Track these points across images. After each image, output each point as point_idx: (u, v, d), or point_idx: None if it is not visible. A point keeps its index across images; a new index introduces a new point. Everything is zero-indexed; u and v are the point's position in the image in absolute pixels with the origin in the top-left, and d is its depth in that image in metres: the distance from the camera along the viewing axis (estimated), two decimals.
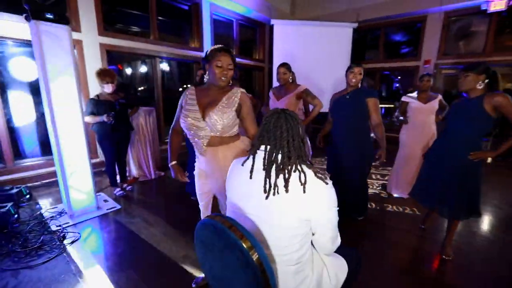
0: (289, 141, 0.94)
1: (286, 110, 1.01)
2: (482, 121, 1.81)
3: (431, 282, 1.85)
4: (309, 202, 0.90)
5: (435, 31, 6.19)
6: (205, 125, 1.40)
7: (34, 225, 2.44)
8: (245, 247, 0.78)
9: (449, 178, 1.95)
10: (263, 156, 0.97)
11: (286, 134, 0.94)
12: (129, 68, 6.57)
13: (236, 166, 1.09)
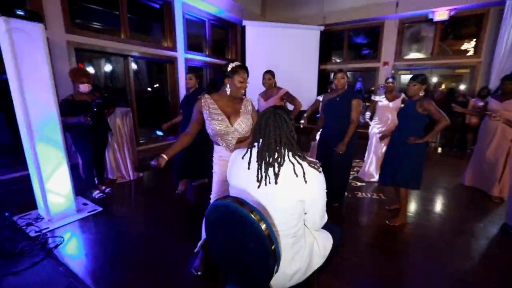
0: (277, 139, 1.09)
1: (278, 109, 1.15)
2: (417, 119, 2.36)
3: (396, 252, 2.16)
4: (305, 188, 1.07)
5: (392, 36, 6.85)
6: (234, 130, 1.67)
7: (10, 233, 2.31)
8: (256, 219, 0.93)
9: (401, 158, 2.45)
10: (259, 151, 1.12)
11: (273, 133, 1.09)
12: (91, 67, 6.23)
13: (237, 158, 1.24)
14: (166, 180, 3.92)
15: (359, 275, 1.89)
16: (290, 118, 1.14)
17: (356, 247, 2.22)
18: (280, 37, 6.87)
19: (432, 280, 1.83)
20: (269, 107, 1.19)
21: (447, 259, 2.07)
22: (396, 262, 2.05)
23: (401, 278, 1.89)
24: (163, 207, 3.00)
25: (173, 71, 5.57)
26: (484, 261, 2.07)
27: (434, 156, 5.58)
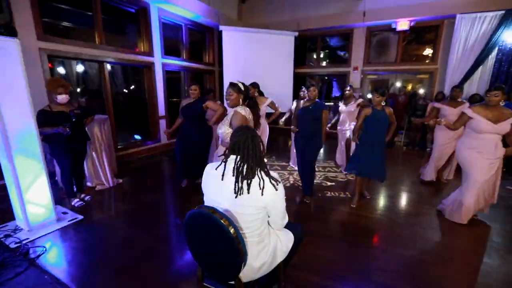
0: (253, 157, 1.31)
1: (251, 130, 1.37)
2: (387, 122, 3.07)
3: (364, 242, 2.47)
4: (266, 198, 1.30)
5: (361, 43, 7.32)
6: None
7: None
8: (225, 225, 1.15)
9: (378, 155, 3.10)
10: (232, 164, 1.33)
11: (252, 152, 1.31)
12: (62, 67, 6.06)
13: (210, 170, 1.44)
14: (146, 185, 4.01)
15: (327, 267, 2.16)
16: (260, 141, 1.38)
17: (324, 242, 2.50)
18: (256, 41, 7.10)
19: (391, 263, 2.15)
20: (245, 129, 1.39)
21: (407, 245, 2.41)
22: (360, 253, 2.36)
23: (364, 266, 2.19)
24: (144, 211, 3.12)
25: (150, 76, 5.60)
26: (437, 243, 2.44)
27: (400, 153, 6.10)
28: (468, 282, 1.99)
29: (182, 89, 7.15)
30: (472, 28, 5.89)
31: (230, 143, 1.38)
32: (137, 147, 5.53)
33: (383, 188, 3.86)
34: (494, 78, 5.96)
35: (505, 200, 3.47)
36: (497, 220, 2.94)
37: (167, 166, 5.11)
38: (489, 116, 2.59)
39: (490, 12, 5.68)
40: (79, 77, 6.39)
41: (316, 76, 8.48)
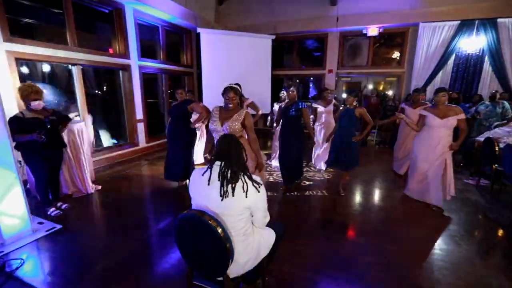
0: (236, 162, 1.42)
1: (235, 138, 1.47)
2: (355, 120, 3.50)
3: (341, 236, 2.66)
4: (249, 200, 1.41)
5: (335, 47, 7.68)
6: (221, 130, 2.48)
7: None
8: (214, 226, 1.24)
9: (348, 148, 3.53)
10: (218, 170, 1.42)
11: (235, 158, 1.42)
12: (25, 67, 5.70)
13: (197, 175, 1.52)
14: (125, 190, 3.96)
15: (308, 261, 2.32)
16: (243, 147, 1.49)
17: (305, 238, 2.66)
18: (234, 44, 7.18)
19: (365, 254, 2.35)
20: (228, 137, 1.50)
21: (380, 237, 2.64)
22: (337, 246, 2.54)
23: (342, 258, 2.36)
24: (125, 216, 3.10)
25: (127, 78, 5.49)
26: (404, 233, 2.69)
27: (373, 151, 6.50)
28: (426, 264, 2.24)
29: (159, 90, 7.04)
30: (433, 36, 6.43)
31: (215, 150, 1.48)
32: (115, 152, 5.40)
33: (358, 184, 4.14)
34: (453, 81, 6.56)
35: (462, 193, 3.87)
36: (455, 210, 3.29)
37: (147, 170, 5.05)
38: (437, 113, 3.11)
39: (448, 21, 6.24)
40: (45, 77, 6.07)
41: (294, 78, 8.73)
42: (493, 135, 4.36)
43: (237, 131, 2.43)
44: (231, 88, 2.51)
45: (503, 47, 5.91)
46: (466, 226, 2.92)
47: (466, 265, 2.26)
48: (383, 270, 2.19)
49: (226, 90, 2.49)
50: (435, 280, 2.07)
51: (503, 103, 5.23)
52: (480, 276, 2.13)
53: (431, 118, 3.14)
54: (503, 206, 3.39)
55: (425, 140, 3.24)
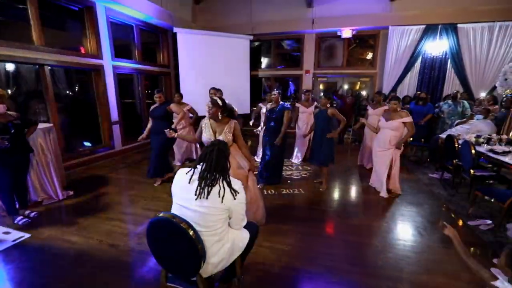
0: (215, 167, 1.46)
1: (221, 144, 1.52)
2: (328, 120, 3.82)
3: (316, 232, 2.77)
4: (227, 203, 1.46)
5: (311, 48, 7.88)
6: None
7: None
8: (185, 228, 1.28)
9: (322, 145, 3.86)
10: (199, 171, 1.47)
11: (215, 162, 1.46)
12: None
13: (181, 173, 1.55)
14: (100, 194, 3.85)
15: (284, 259, 2.40)
16: (227, 152, 1.53)
17: (281, 236, 2.75)
18: (211, 44, 7.16)
19: (339, 249, 2.47)
20: (216, 143, 1.55)
21: (353, 232, 2.78)
22: (312, 243, 2.65)
23: (316, 254, 2.47)
24: (98, 221, 3.02)
25: (100, 80, 5.30)
26: (373, 226, 2.86)
27: (349, 149, 6.76)
28: (392, 254, 2.41)
29: (136, 91, 6.85)
30: (401, 39, 6.80)
31: (201, 153, 1.52)
32: (89, 155, 5.21)
33: (332, 181, 4.31)
34: (420, 82, 6.98)
35: (427, 186, 4.16)
36: (420, 203, 3.54)
37: (123, 173, 4.92)
38: (387, 117, 3.72)
39: (414, 26, 6.63)
40: (9, 76, 5.70)
41: (272, 78, 8.85)
42: (454, 132, 4.71)
43: (230, 142, 2.49)
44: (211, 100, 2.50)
45: (463, 50, 6.39)
46: (429, 218, 3.16)
47: (428, 254, 2.46)
48: (353, 262, 2.32)
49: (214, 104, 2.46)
50: (399, 269, 2.23)
51: (463, 103, 5.65)
52: (439, 262, 2.32)
53: (382, 120, 3.80)
54: (461, 198, 3.69)
55: (377, 139, 3.86)
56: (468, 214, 3.16)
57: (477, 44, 6.29)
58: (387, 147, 3.66)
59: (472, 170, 3.42)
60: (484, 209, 3.33)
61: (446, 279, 2.10)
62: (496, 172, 3.82)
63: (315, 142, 3.99)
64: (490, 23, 6.11)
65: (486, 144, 3.84)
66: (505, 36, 6.07)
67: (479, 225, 2.92)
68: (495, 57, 6.22)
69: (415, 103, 6.01)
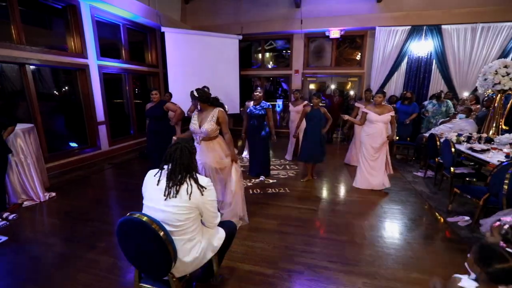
0: (181, 165, 1.45)
1: (183, 142, 1.51)
2: (322, 119, 4.06)
3: (300, 231, 2.79)
4: (194, 201, 1.46)
5: (300, 48, 7.92)
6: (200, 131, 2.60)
7: None
8: (155, 228, 1.28)
9: (313, 145, 4.10)
10: (166, 172, 1.46)
11: (179, 161, 1.46)
12: None
13: (150, 175, 1.55)
14: (83, 196, 3.79)
15: (268, 258, 2.41)
16: (193, 149, 1.53)
17: (265, 235, 2.76)
18: (200, 44, 7.12)
19: (322, 247, 2.50)
20: (179, 141, 1.53)
21: (337, 231, 2.81)
22: (297, 241, 2.66)
23: (300, 252, 2.49)
24: (82, 224, 2.98)
25: (85, 79, 5.21)
26: (357, 225, 2.90)
27: (338, 148, 6.82)
28: (372, 252, 2.45)
29: (124, 91, 6.76)
30: (388, 39, 6.90)
31: (165, 155, 1.51)
32: (74, 156, 5.11)
33: (322, 180, 4.36)
34: (406, 81, 7.10)
35: (410, 184, 4.24)
36: (402, 201, 3.61)
37: (109, 174, 4.86)
38: (376, 111, 3.89)
39: (400, 26, 6.74)
40: None
41: (262, 77, 8.87)
42: (437, 131, 4.83)
43: (214, 131, 2.62)
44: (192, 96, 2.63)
45: (447, 51, 6.53)
46: (410, 215, 3.22)
47: (406, 250, 2.51)
48: (333, 259, 2.35)
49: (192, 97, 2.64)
50: (376, 265, 2.27)
51: (447, 102, 5.78)
52: (417, 259, 2.37)
53: (372, 115, 3.91)
54: (443, 195, 3.77)
55: (369, 133, 3.96)
56: (448, 211, 3.24)
57: (460, 45, 6.43)
58: (383, 140, 3.89)
59: (452, 168, 3.50)
60: (464, 206, 3.41)
61: (421, 274, 2.15)
62: (476, 170, 3.93)
63: (312, 142, 4.11)
64: (473, 25, 6.26)
65: (466, 142, 3.95)
66: (487, 38, 6.23)
67: (457, 222, 3.00)
68: (477, 57, 6.37)
69: (401, 102, 6.12)
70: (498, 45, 6.21)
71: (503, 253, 1.03)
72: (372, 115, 3.91)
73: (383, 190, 3.94)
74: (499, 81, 3.97)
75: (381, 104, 3.94)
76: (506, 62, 3.91)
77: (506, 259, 1.00)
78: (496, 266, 1.00)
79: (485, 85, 4.22)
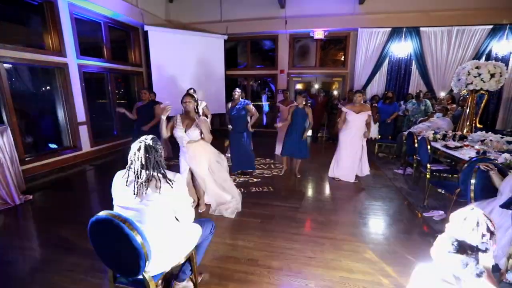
0: (147, 162, 1.43)
1: (148, 140, 1.48)
2: (305, 117, 4.16)
3: (284, 230, 2.82)
4: (165, 196, 1.45)
5: (285, 48, 7.99)
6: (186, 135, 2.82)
7: None
8: (126, 227, 1.27)
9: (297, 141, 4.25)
10: (133, 172, 1.45)
11: (144, 158, 1.44)
12: None
13: (118, 176, 1.52)
14: (61, 198, 3.68)
15: (253, 257, 2.42)
16: (158, 146, 1.51)
17: (249, 234, 2.77)
18: (185, 43, 7.06)
19: (307, 245, 2.53)
20: (141, 139, 1.51)
21: (322, 230, 2.86)
22: (281, 239, 2.69)
23: (283, 251, 2.51)
24: (58, 227, 2.89)
25: (64, 78, 5.05)
26: (345, 224, 2.96)
27: (323, 146, 6.93)
28: (350, 246, 2.51)
29: (106, 91, 6.59)
30: (370, 41, 7.09)
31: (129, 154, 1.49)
32: (53, 158, 4.93)
33: (307, 178, 4.42)
34: (388, 82, 7.31)
35: (391, 181, 4.37)
36: (382, 197, 3.72)
37: (90, 176, 4.74)
38: (354, 109, 4.08)
39: (381, 28, 6.93)
40: None
41: (248, 77, 8.89)
42: (416, 129, 5.00)
43: (198, 137, 2.87)
44: (188, 93, 2.89)
45: (426, 52, 6.77)
46: (389, 211, 3.32)
47: (384, 245, 2.59)
48: (312, 255, 2.39)
49: (184, 95, 2.84)
50: (355, 260, 2.33)
51: (426, 101, 6.00)
52: (394, 253, 2.45)
53: (350, 113, 4.10)
54: (421, 191, 3.91)
55: (347, 131, 4.19)
56: (423, 206, 3.37)
57: (437, 46, 6.69)
58: (360, 137, 4.15)
59: (429, 164, 3.64)
60: (440, 201, 3.55)
61: (400, 267, 2.22)
62: (452, 166, 4.10)
63: (294, 138, 4.25)
64: (449, 27, 6.53)
65: (442, 140, 4.12)
66: (462, 40, 6.51)
67: (432, 216, 3.12)
68: (453, 59, 6.65)
69: (382, 102, 6.29)
70: (472, 47, 6.50)
71: None
72: (350, 114, 4.10)
73: (361, 186, 4.13)
74: (471, 82, 4.16)
75: (361, 103, 4.12)
76: (478, 63, 4.10)
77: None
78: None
79: (459, 85, 4.41)
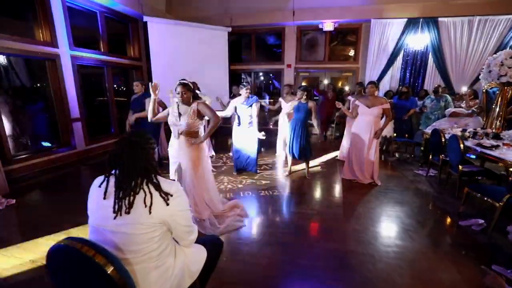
0: (133, 168, 1.06)
1: (134, 136, 1.10)
2: (309, 112, 3.75)
3: (295, 240, 2.43)
4: (157, 214, 1.07)
5: (292, 41, 7.57)
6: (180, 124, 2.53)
7: None
8: (101, 263, 0.87)
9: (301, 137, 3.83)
10: (113, 180, 1.06)
11: (130, 162, 1.05)
12: None
13: (95, 186, 1.13)
14: (49, 201, 3.31)
15: (257, 277, 2.04)
16: (147, 145, 1.12)
17: (255, 248, 2.38)
18: (186, 35, 6.65)
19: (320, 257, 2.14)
20: (125, 137, 1.12)
21: (335, 239, 2.46)
22: (291, 252, 2.30)
23: (297, 267, 2.12)
24: (38, 236, 2.50)
25: (55, 71, 4.68)
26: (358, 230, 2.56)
27: (332, 145, 6.50)
28: (381, 264, 2.11)
29: (104, 85, 6.21)
30: (384, 32, 6.64)
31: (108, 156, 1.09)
32: (43, 157, 4.57)
33: (317, 180, 4.01)
34: (402, 76, 6.86)
35: (413, 183, 3.95)
36: (408, 202, 3.30)
37: (84, 177, 4.37)
38: (367, 103, 3.70)
39: (396, 19, 6.48)
40: None
41: (252, 72, 8.48)
42: (439, 126, 4.56)
43: (195, 125, 2.55)
44: (179, 83, 2.53)
45: (444, 44, 6.31)
46: (418, 218, 2.91)
47: (420, 262, 2.18)
48: (337, 275, 2.00)
49: (177, 85, 2.54)
50: (391, 282, 1.93)
51: (446, 97, 5.56)
52: (434, 271, 2.05)
53: (361, 107, 3.74)
54: (449, 195, 3.49)
55: (358, 127, 3.80)
56: (459, 213, 2.95)
57: (457, 38, 6.23)
58: (370, 132, 3.69)
59: (461, 165, 3.23)
60: (473, 206, 3.13)
61: None
62: (482, 167, 3.68)
63: (294, 135, 3.87)
64: (470, 17, 6.07)
65: (472, 138, 3.69)
66: (484, 30, 6.04)
67: (471, 225, 2.71)
68: (474, 51, 6.19)
69: (398, 97, 5.85)
70: (495, 39, 6.04)
71: None
72: (361, 108, 3.75)
73: (380, 189, 3.67)
74: (505, 73, 3.73)
75: (374, 95, 3.72)
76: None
77: None
78: None
79: (489, 78, 3.97)
